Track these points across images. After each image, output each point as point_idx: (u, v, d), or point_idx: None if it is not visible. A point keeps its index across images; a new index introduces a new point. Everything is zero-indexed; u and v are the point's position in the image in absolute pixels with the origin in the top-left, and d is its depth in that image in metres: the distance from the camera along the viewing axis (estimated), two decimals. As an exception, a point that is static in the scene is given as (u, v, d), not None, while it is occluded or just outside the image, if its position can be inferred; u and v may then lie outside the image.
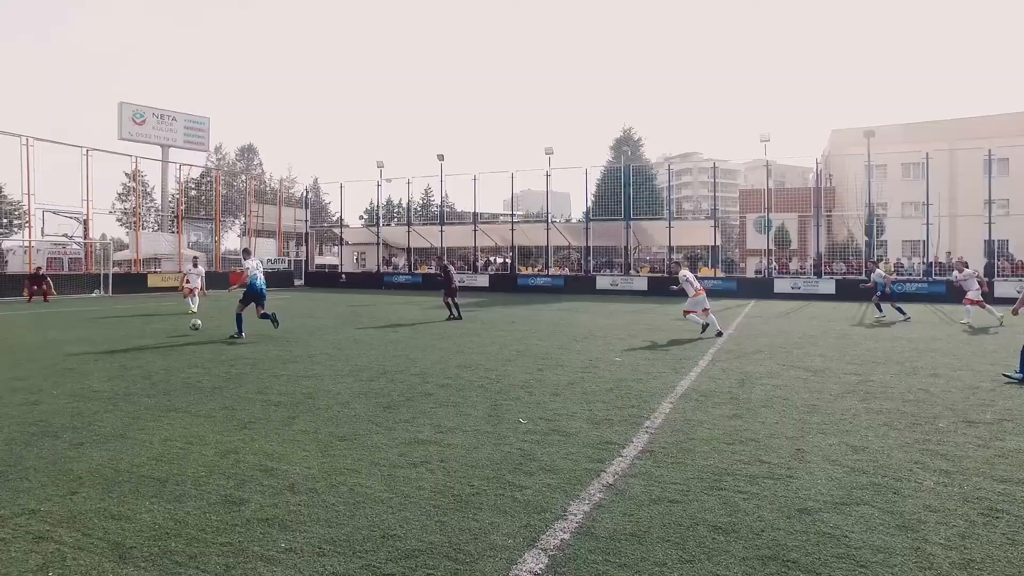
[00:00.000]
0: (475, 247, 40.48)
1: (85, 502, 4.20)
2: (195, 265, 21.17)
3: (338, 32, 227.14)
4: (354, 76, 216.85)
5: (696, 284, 14.70)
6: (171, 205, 55.53)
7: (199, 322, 14.66)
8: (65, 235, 30.94)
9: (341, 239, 45.63)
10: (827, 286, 31.28)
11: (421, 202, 74.49)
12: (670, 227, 35.95)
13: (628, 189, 36.95)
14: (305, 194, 48.18)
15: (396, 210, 78.74)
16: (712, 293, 32.20)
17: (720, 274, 35.20)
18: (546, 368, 9.74)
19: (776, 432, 6.02)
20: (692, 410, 6.95)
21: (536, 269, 40.81)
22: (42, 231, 30.16)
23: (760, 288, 32.46)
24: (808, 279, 32.39)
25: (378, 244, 42.88)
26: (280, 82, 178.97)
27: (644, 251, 47.21)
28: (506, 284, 37.80)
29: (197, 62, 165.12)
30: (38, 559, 3.43)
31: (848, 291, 29.78)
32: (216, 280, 36.75)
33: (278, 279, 41.36)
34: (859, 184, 33.74)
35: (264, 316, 13.49)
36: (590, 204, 39.65)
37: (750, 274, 37.35)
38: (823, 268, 33.18)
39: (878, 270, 20.30)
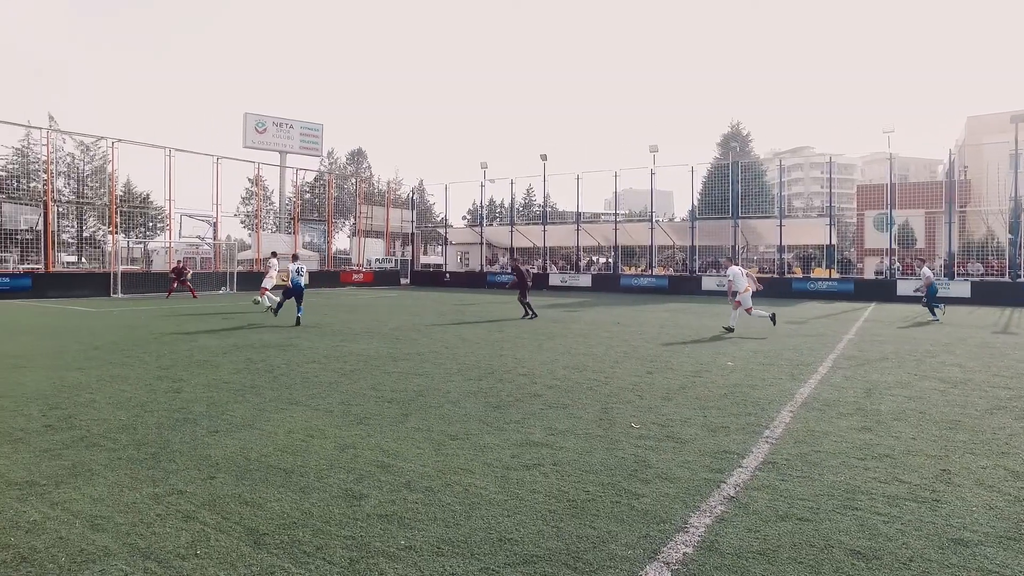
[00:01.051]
0: (577, 247, 40.25)
1: (222, 487, 4.47)
2: (294, 259, 22.28)
3: (444, 35, 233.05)
4: (459, 78, 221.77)
5: (745, 281, 15.28)
6: (288, 208, 58.93)
7: (265, 302, 18.67)
8: (198, 236, 33.53)
9: (445, 239, 46.73)
10: (961, 288, 28.66)
11: (523, 202, 75.11)
12: (781, 225, 34.26)
13: (736, 186, 35.54)
14: (411, 195, 49.69)
15: (498, 210, 79.79)
16: (827, 295, 30.57)
17: (835, 275, 33.14)
18: (655, 371, 9.49)
19: (914, 449, 5.54)
20: (815, 420, 6.53)
21: (639, 269, 40.09)
22: (179, 233, 32.86)
23: (881, 290, 30.26)
24: (938, 281, 29.85)
25: (481, 244, 43.58)
26: (388, 87, 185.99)
27: (752, 250, 45.28)
28: (609, 284, 37.35)
29: (311, 71, 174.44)
30: (187, 537, 3.67)
31: (987, 294, 27.20)
32: (323, 279, 38.65)
33: (385, 278, 42.97)
34: (1001, 175, 30.70)
35: (276, 303, 17.14)
36: (696, 202, 38.46)
37: (868, 275, 34.93)
38: (956, 269, 30.48)
39: (925, 269, 20.58)
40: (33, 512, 4.03)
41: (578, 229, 40.15)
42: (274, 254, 21.55)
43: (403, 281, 44.73)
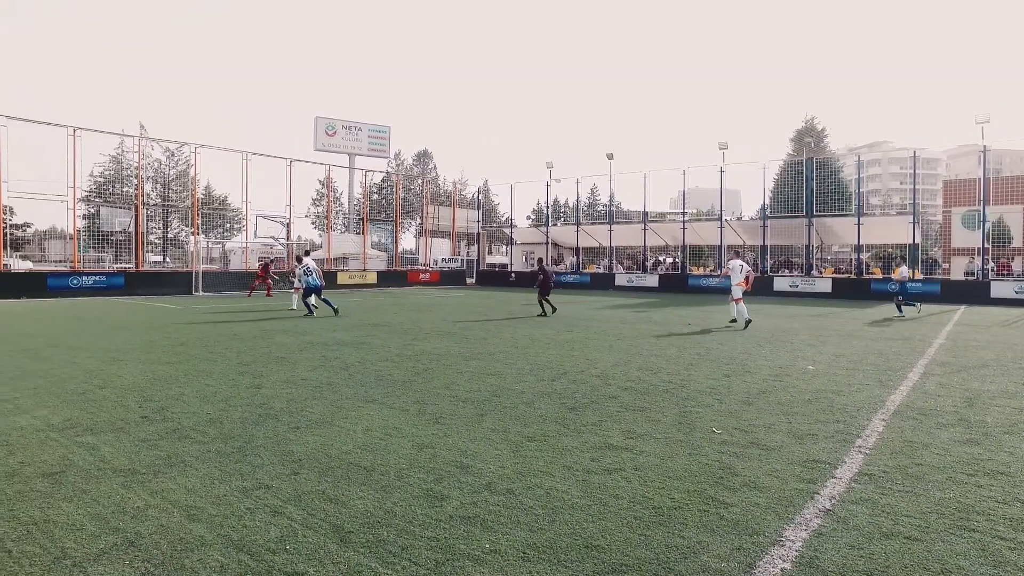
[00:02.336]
0: (644, 246, 39.62)
1: (306, 483, 4.54)
2: (299, 261, 22.82)
3: (509, 36, 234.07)
4: (524, 78, 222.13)
5: (740, 276, 16.30)
6: (356, 208, 60.42)
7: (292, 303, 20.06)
8: (272, 237, 34.74)
9: (511, 239, 46.87)
10: (1062, 290, 26.70)
11: (586, 201, 74.61)
12: (859, 223, 32.75)
13: (811, 183, 34.19)
14: (477, 195, 50.07)
15: (562, 210, 79.56)
16: (912, 296, 28.95)
17: (919, 275, 31.42)
18: (732, 374, 9.18)
19: (1029, 464, 5.12)
20: (912, 430, 6.14)
21: (708, 269, 39.11)
22: (255, 233, 34.13)
23: (972, 292, 28.49)
24: (1036, 282, 27.89)
25: (546, 243, 43.50)
26: (453, 88, 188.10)
27: (826, 250, 43.51)
28: (676, 284, 36.61)
29: (379, 73, 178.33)
30: (276, 532, 3.74)
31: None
32: (391, 278, 39.36)
33: (451, 278, 43.44)
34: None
35: (315, 302, 18.17)
36: (767, 200, 37.24)
37: (956, 276, 32.97)
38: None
39: (903, 268, 21.26)
40: (136, 499, 4.20)
41: (645, 228, 39.52)
42: (306, 252, 22.68)
43: (469, 281, 45.10)
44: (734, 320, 16.54)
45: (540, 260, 22.32)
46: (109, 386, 7.91)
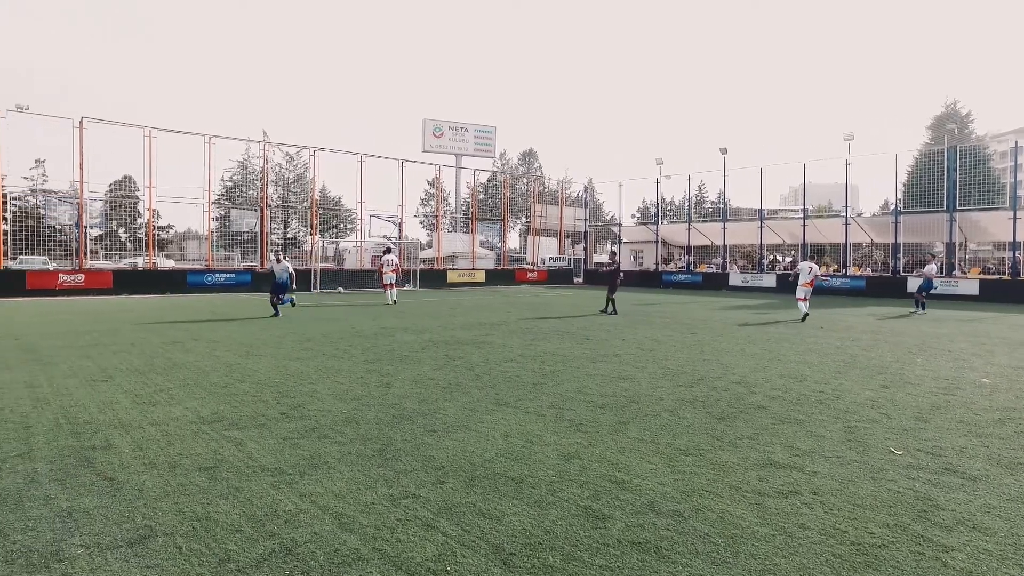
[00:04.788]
0: (760, 244, 37.60)
1: (454, 493, 4.28)
2: (387, 252, 23.76)
3: (611, 33, 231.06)
4: (627, 75, 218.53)
5: (809, 277, 17.90)
6: (463, 208, 61.36)
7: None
8: (385, 236, 35.77)
9: (619, 237, 45.96)
10: None
11: (694, 198, 72.13)
12: (1015, 217, 29.42)
13: (953, 174, 31.11)
14: (585, 193, 49.41)
15: (667, 207, 77.40)
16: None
17: (1089, 277, 27.80)
18: (891, 385, 8.23)
19: None
20: None
21: (832, 269, 36.54)
22: (368, 233, 35.28)
23: None
24: None
25: (656, 242, 42.26)
26: (557, 87, 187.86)
27: (966, 248, 39.52)
28: (796, 286, 34.38)
29: (483, 74, 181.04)
30: (433, 549, 3.48)
31: None
32: (499, 277, 39.50)
33: (558, 277, 43.11)
34: None
35: (282, 302, 17.33)
36: (900, 195, 34.28)
37: None
38: None
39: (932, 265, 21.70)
40: (287, 501, 4.09)
41: (761, 226, 37.48)
42: (387, 250, 24.05)
43: (576, 280, 44.59)
44: (807, 316, 17.47)
45: (614, 254, 21.81)
46: (247, 380, 8.11)
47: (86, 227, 27.34)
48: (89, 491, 4.25)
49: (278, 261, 17.29)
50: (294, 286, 17.47)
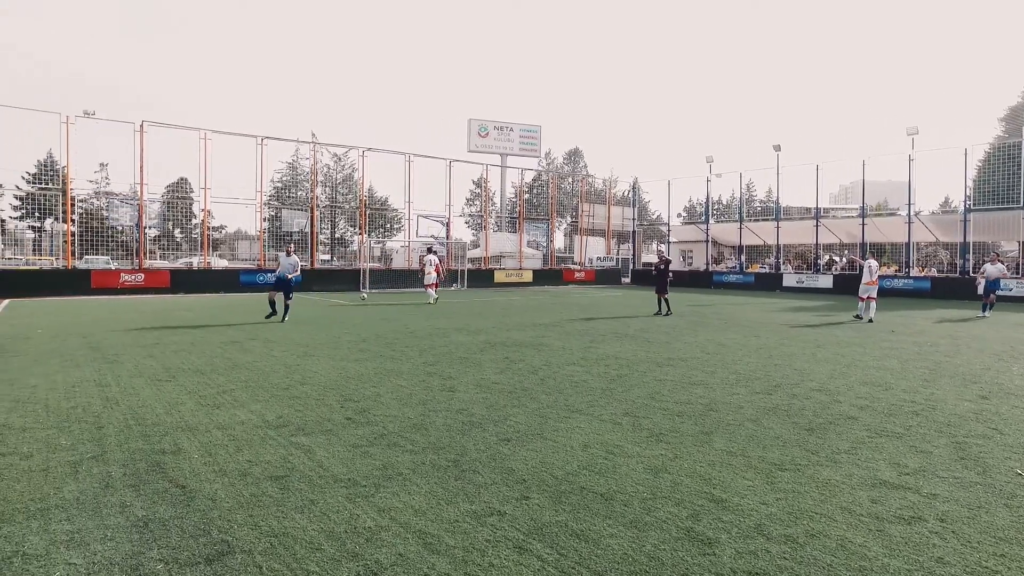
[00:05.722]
0: (816, 244, 36.35)
1: (541, 511, 3.99)
2: (428, 252, 23.75)
3: (655, 31, 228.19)
4: (671, 74, 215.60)
5: (874, 276, 17.49)
6: (508, 207, 61.26)
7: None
8: (432, 236, 35.81)
9: (668, 237, 45.14)
10: None
11: (743, 196, 70.47)
12: (1096, 215, 27.70)
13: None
14: (633, 192, 48.67)
15: (714, 206, 75.82)
16: None
17: None
18: (990, 395, 7.62)
19: None
20: None
21: (894, 269, 35.09)
22: (416, 233, 35.37)
23: None
24: None
25: (707, 241, 41.31)
26: (602, 85, 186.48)
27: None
28: (853, 286, 33.04)
29: (528, 73, 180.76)
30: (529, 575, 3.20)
31: None
32: (547, 277, 39.13)
33: (606, 277, 42.50)
34: None
35: (285, 305, 15.64)
36: (970, 191, 32.62)
37: None
38: None
39: (999, 264, 20.79)
40: (365, 517, 3.86)
41: (817, 225, 36.23)
42: (429, 250, 24.27)
43: (623, 280, 43.93)
44: (867, 319, 17.12)
45: (660, 252, 21.32)
46: (308, 382, 7.98)
47: (145, 228, 28.06)
48: (163, 499, 4.11)
49: (288, 254, 15.75)
50: (296, 283, 15.83)
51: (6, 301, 21.32)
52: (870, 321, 16.91)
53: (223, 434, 5.63)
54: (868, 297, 17.33)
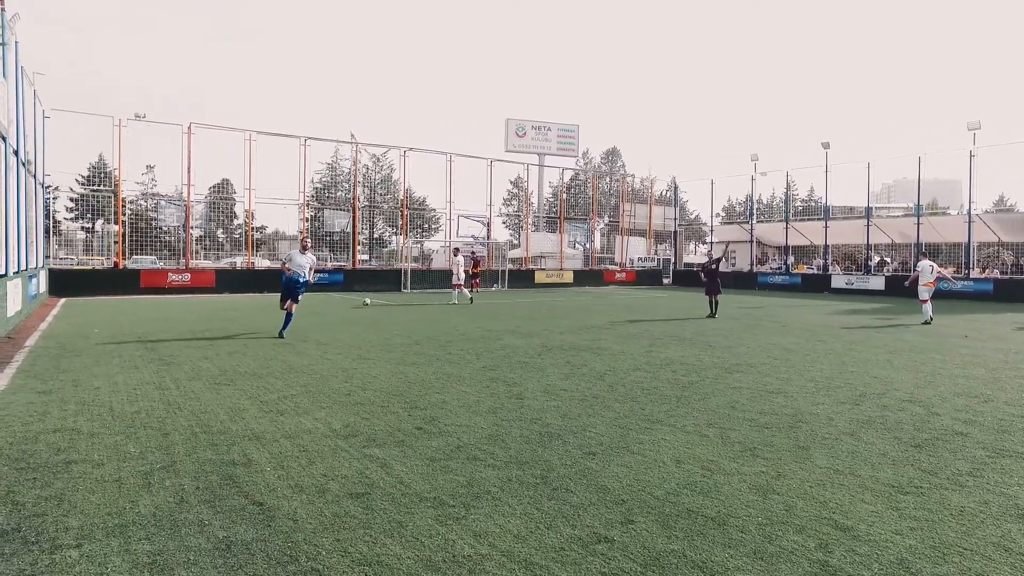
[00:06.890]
0: (867, 244, 35.16)
1: (651, 538, 3.64)
2: (455, 254, 23.57)
3: (690, 29, 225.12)
4: (707, 71, 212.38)
5: (931, 276, 17.33)
6: (545, 207, 60.91)
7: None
8: (472, 236, 35.66)
9: (711, 237, 44.26)
10: None
11: (784, 196, 68.97)
12: None
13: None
14: (674, 191, 47.84)
15: (757, 206, 74.42)
16: None
17: None
18: (1104, 409, 7.01)
19: None
20: None
21: (952, 271, 33.74)
22: (456, 233, 35.23)
23: None
24: None
25: (751, 242, 40.34)
26: (640, 83, 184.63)
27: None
28: (906, 288, 31.87)
29: (565, 72, 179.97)
30: (660, 623, 2.84)
31: None
32: (588, 278, 38.62)
33: (647, 277, 41.80)
34: None
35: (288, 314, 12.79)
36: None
37: None
38: None
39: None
40: (461, 543, 3.55)
41: (868, 224, 35.05)
42: (456, 251, 24.08)
43: (665, 280, 43.17)
44: (925, 318, 16.88)
45: (718, 258, 21.07)
46: (369, 388, 7.75)
47: (191, 228, 28.43)
48: (241, 517, 3.86)
49: (303, 250, 13.17)
50: (306, 284, 13.04)
51: (62, 300, 21.73)
52: (928, 322, 16.69)
53: (292, 444, 5.40)
54: (927, 299, 17.22)
